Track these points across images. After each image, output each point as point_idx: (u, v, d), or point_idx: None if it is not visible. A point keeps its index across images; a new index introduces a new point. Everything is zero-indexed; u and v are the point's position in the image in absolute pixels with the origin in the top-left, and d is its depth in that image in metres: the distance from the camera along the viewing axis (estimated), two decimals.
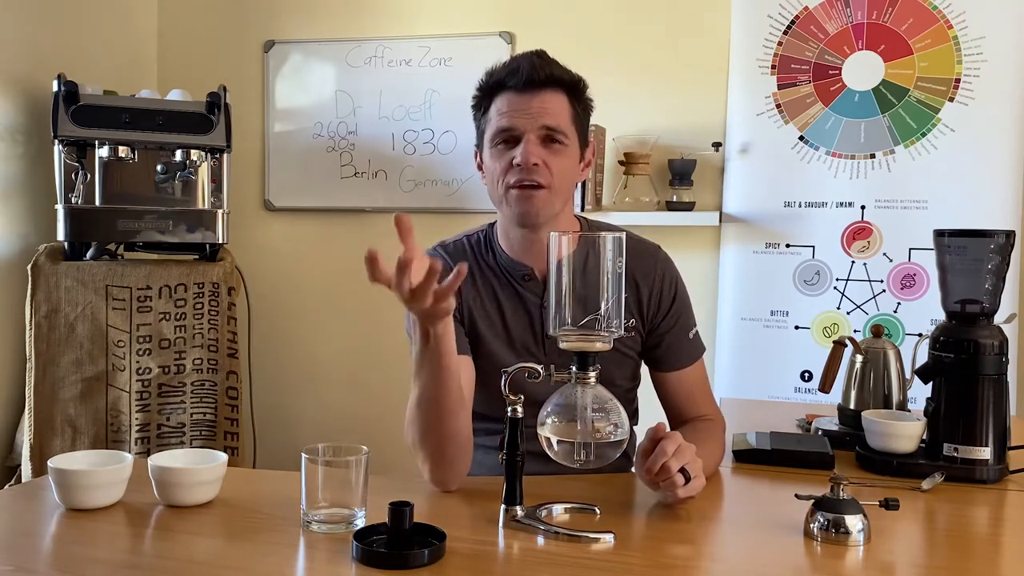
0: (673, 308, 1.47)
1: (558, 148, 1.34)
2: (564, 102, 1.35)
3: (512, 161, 1.33)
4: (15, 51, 2.46)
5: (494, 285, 1.45)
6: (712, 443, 1.40)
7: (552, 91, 1.34)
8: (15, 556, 1.04)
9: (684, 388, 1.50)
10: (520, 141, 1.33)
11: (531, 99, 1.32)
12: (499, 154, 1.35)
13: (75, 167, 2.36)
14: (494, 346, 1.44)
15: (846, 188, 2.51)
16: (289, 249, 3.02)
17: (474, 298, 1.44)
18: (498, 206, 1.40)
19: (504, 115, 1.34)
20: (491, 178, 1.38)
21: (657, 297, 1.45)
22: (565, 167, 1.36)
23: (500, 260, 1.45)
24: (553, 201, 1.35)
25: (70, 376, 2.32)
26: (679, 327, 1.48)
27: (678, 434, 1.18)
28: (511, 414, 1.14)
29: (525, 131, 1.32)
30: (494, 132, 1.35)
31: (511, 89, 1.34)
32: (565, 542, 1.09)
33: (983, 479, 1.38)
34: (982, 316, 1.42)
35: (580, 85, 1.39)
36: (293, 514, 1.14)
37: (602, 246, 1.09)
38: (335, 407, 2.97)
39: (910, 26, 2.46)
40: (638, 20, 2.71)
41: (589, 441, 1.09)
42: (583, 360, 1.11)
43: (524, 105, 1.32)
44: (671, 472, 1.15)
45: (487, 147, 1.38)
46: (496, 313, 1.44)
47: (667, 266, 1.49)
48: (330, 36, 2.94)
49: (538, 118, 1.32)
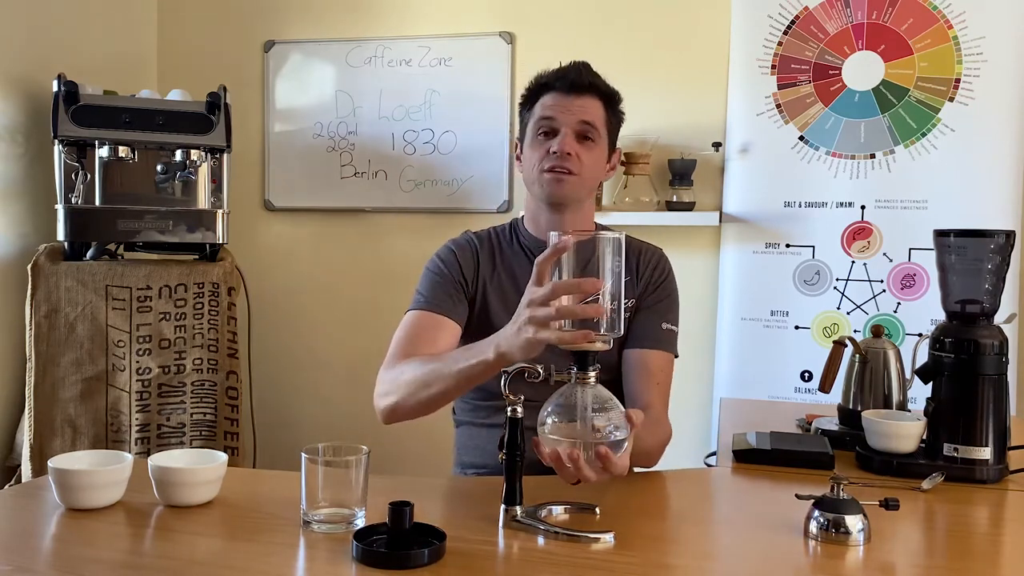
0: (659, 291, 1.56)
1: (590, 144, 1.50)
2: (600, 107, 1.51)
3: (549, 149, 1.48)
4: (15, 51, 2.46)
5: (513, 264, 1.58)
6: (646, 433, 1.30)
7: (592, 96, 1.50)
8: (15, 556, 1.04)
9: (640, 370, 1.49)
10: (558, 134, 1.48)
11: (573, 100, 1.49)
12: (538, 143, 1.50)
13: (75, 167, 2.36)
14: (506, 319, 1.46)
15: (846, 188, 2.51)
16: (289, 249, 3.02)
17: (491, 274, 1.57)
18: (530, 187, 1.55)
19: (548, 108, 1.50)
20: (528, 164, 1.52)
21: (649, 272, 1.57)
22: (594, 160, 1.51)
23: (524, 241, 1.59)
24: (580, 188, 1.50)
25: (70, 376, 2.32)
26: (658, 310, 1.54)
27: None
28: (511, 414, 1.14)
29: (563, 125, 1.48)
30: (536, 121, 1.51)
31: (556, 90, 1.50)
32: (565, 542, 1.09)
33: (983, 479, 1.38)
34: (982, 316, 1.42)
35: (616, 97, 1.55)
36: (293, 514, 1.14)
37: (603, 246, 1.09)
38: (335, 407, 2.97)
39: (910, 26, 2.46)
40: (638, 20, 2.71)
41: (589, 441, 1.09)
42: (583, 360, 1.11)
43: (566, 103, 1.48)
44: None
45: (528, 137, 1.53)
46: (512, 291, 1.54)
47: (668, 262, 1.61)
48: (330, 36, 2.94)
49: (577, 115, 1.48)
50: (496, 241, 1.61)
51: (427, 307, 1.50)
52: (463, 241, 1.60)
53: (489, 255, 1.58)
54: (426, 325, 1.48)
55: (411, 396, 1.36)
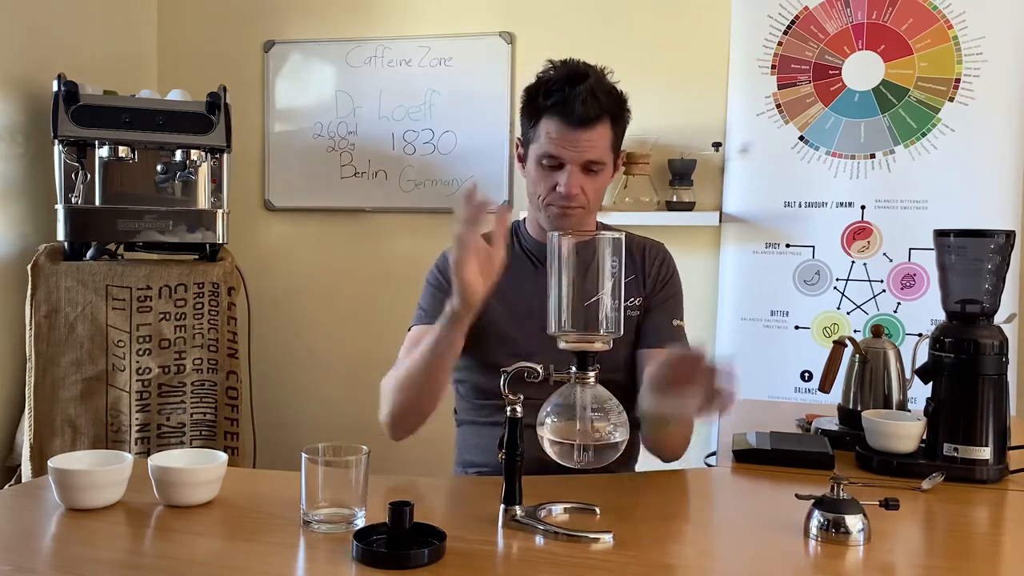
0: (667, 289, 1.57)
1: (594, 175, 1.47)
2: (608, 132, 1.45)
3: (555, 186, 1.45)
4: (15, 51, 2.46)
5: (514, 267, 1.53)
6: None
7: (599, 124, 1.43)
8: (15, 556, 1.04)
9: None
10: (563, 167, 1.44)
11: (579, 135, 1.42)
12: (543, 174, 1.47)
13: (75, 167, 2.36)
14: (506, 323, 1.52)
15: (846, 188, 2.51)
16: (289, 249, 3.02)
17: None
18: (534, 206, 1.52)
19: (553, 143, 1.43)
20: (532, 184, 1.50)
21: (656, 270, 1.57)
22: (600, 187, 1.50)
23: (526, 244, 1.59)
24: (587, 216, 1.51)
25: (70, 376, 2.32)
26: (667, 308, 1.56)
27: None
28: (510, 414, 1.14)
29: (570, 163, 1.43)
30: (541, 154, 1.45)
31: (562, 120, 1.42)
32: (565, 542, 1.09)
33: (983, 479, 1.38)
34: (982, 316, 1.42)
35: (623, 107, 1.48)
36: (293, 514, 1.14)
37: (603, 247, 1.09)
38: (335, 407, 2.97)
39: (910, 26, 2.46)
40: (638, 20, 2.71)
41: (588, 442, 1.09)
42: (582, 360, 1.11)
43: (572, 138, 1.42)
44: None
45: (532, 158, 1.48)
46: (515, 294, 1.52)
47: (671, 257, 1.62)
48: (330, 36, 2.94)
49: (583, 153, 1.43)
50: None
51: (429, 321, 1.50)
52: None
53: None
54: None
55: (400, 399, 1.38)
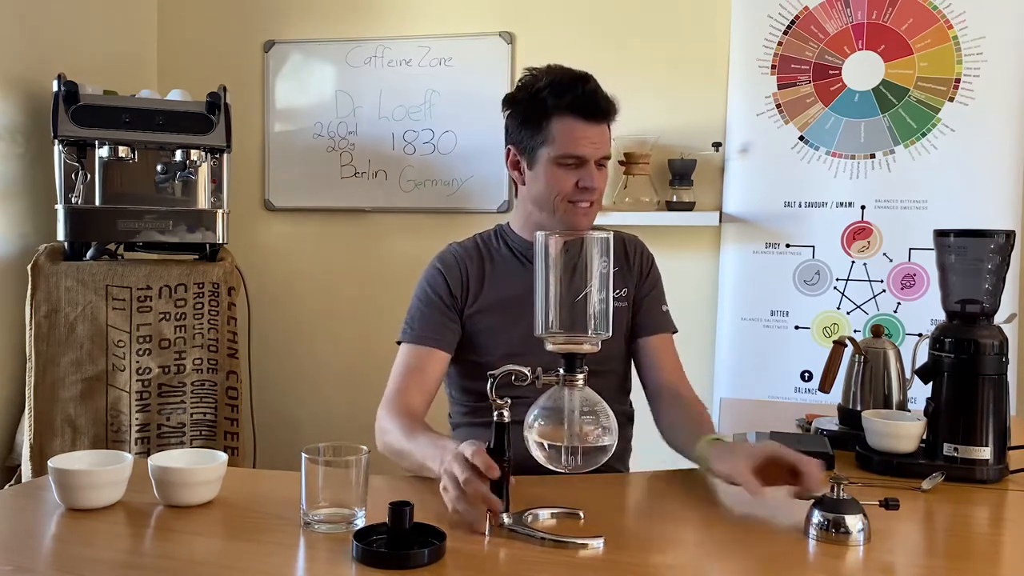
0: (651, 277, 1.65)
1: (603, 171, 1.53)
2: (609, 129, 1.52)
3: (578, 183, 1.48)
4: (15, 51, 2.46)
5: (503, 269, 1.59)
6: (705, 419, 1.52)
7: (609, 120, 1.50)
8: (15, 556, 1.04)
9: (656, 354, 1.61)
10: (583, 163, 1.48)
11: (598, 130, 1.48)
12: (564, 173, 1.48)
13: (75, 167, 2.36)
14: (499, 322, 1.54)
15: (846, 188, 2.51)
16: (289, 249, 3.02)
17: (481, 282, 1.57)
18: (546, 210, 1.52)
19: (574, 140, 1.46)
20: (546, 187, 1.50)
21: (639, 261, 1.65)
22: (606, 180, 1.57)
23: (513, 245, 1.61)
24: (597, 211, 1.56)
25: (70, 376, 2.32)
26: (654, 296, 1.64)
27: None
28: (497, 419, 1.11)
29: (590, 157, 1.48)
30: (563, 154, 1.47)
31: (580, 117, 1.46)
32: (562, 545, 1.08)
33: (983, 479, 1.38)
34: (982, 316, 1.42)
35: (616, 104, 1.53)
36: (293, 514, 1.14)
37: (590, 246, 1.09)
38: (335, 407, 2.97)
39: (910, 26, 2.46)
40: (638, 20, 2.71)
41: (577, 445, 1.08)
42: (571, 362, 1.10)
43: (592, 135, 1.47)
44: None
45: (546, 162, 1.49)
46: (505, 296, 1.55)
47: (647, 247, 1.69)
48: (330, 36, 2.94)
49: (601, 148, 1.49)
50: (484, 248, 1.61)
51: (415, 341, 1.53)
52: (449, 257, 1.59)
53: (478, 264, 1.58)
54: (414, 364, 1.51)
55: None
